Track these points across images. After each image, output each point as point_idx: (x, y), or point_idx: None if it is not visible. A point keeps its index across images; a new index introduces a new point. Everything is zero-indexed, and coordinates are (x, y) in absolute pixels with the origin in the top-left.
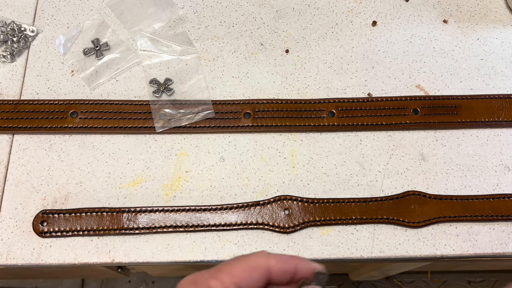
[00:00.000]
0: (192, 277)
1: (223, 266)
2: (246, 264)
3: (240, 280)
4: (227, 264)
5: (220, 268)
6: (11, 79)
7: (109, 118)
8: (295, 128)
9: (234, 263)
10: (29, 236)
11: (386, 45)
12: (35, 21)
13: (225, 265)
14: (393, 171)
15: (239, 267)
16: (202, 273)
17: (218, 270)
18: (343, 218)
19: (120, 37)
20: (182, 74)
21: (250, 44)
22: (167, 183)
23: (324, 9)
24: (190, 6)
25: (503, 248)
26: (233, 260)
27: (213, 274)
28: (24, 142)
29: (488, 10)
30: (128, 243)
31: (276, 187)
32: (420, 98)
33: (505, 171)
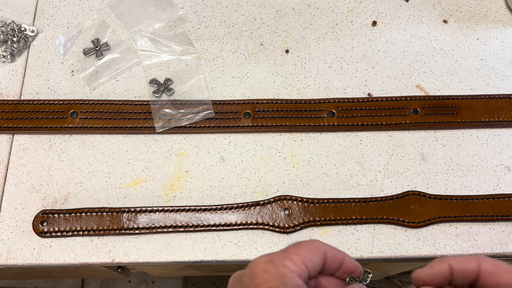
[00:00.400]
0: (268, 257)
1: (290, 249)
2: (309, 247)
3: (308, 260)
4: (292, 247)
5: (289, 250)
6: (11, 79)
7: (109, 118)
8: (295, 128)
9: (299, 245)
10: (29, 236)
11: (386, 45)
12: (35, 21)
13: (291, 247)
14: (393, 171)
15: (305, 249)
16: (277, 254)
17: (287, 252)
18: (343, 218)
19: (120, 37)
20: (182, 74)
21: (250, 44)
22: (167, 183)
23: (324, 9)
24: (190, 6)
25: (503, 248)
26: (295, 244)
27: (285, 255)
28: (24, 142)
29: (488, 10)
30: (128, 243)
31: (276, 187)
32: (420, 98)
33: (505, 171)
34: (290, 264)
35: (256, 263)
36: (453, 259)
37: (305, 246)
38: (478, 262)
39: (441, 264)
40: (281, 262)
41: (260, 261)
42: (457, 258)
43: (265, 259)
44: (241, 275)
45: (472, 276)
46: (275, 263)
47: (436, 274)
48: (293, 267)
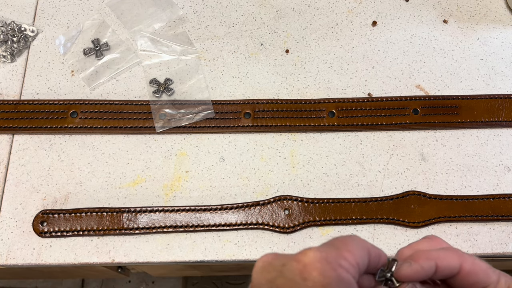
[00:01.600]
0: (322, 253)
1: (340, 244)
2: (358, 244)
3: (359, 259)
4: (341, 243)
5: (340, 247)
6: (11, 79)
7: (109, 118)
8: (295, 128)
9: (348, 242)
10: (29, 236)
11: (386, 45)
12: (35, 21)
13: (340, 243)
14: (393, 171)
15: (356, 247)
16: (330, 251)
17: (339, 248)
18: (343, 218)
19: (120, 37)
20: (182, 74)
21: (250, 44)
22: (167, 183)
23: (324, 9)
24: (190, 6)
25: (503, 248)
26: (342, 240)
27: (339, 254)
28: (24, 142)
29: (488, 10)
30: (128, 243)
31: (276, 187)
32: (420, 98)
33: (505, 171)
34: (346, 265)
35: (309, 259)
36: (438, 257)
37: (355, 243)
38: (460, 260)
39: (429, 262)
40: (337, 262)
41: (315, 258)
42: (440, 255)
43: (320, 257)
44: (282, 266)
45: (453, 273)
46: (332, 264)
47: (425, 272)
48: (349, 267)
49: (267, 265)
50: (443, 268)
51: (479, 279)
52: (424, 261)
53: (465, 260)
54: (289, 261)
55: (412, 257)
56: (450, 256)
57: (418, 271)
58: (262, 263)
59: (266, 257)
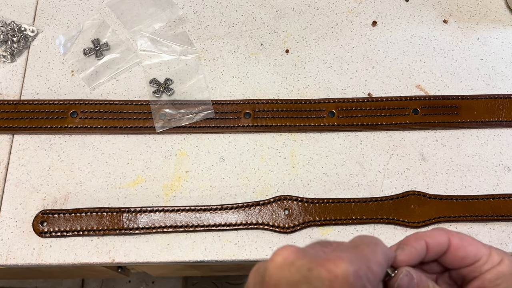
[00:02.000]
0: (354, 268)
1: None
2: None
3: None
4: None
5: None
6: (11, 79)
7: (109, 118)
8: (295, 128)
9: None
10: (29, 236)
11: (386, 45)
12: (35, 21)
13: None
14: (393, 171)
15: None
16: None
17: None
18: (343, 218)
19: (120, 37)
20: (182, 74)
21: (250, 44)
22: (167, 183)
23: (324, 9)
24: (190, 6)
25: (503, 248)
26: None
27: (370, 268)
28: (24, 142)
29: (488, 10)
30: (128, 243)
31: (276, 187)
32: (420, 98)
33: (505, 171)
34: (373, 279)
35: (341, 272)
36: (426, 236)
37: (381, 252)
38: (448, 236)
39: (419, 242)
40: (367, 277)
41: (348, 272)
42: (427, 234)
43: (353, 271)
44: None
45: (443, 250)
46: (362, 279)
47: (418, 252)
48: (374, 281)
49: (289, 264)
50: (433, 245)
51: (469, 252)
52: (414, 242)
53: (452, 236)
54: (317, 266)
55: (402, 242)
56: (437, 233)
57: (411, 253)
58: (283, 259)
59: (288, 253)
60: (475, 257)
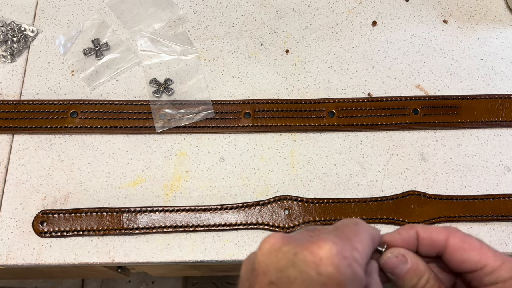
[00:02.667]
0: (338, 248)
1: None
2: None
3: (367, 250)
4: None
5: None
6: (11, 79)
7: (109, 118)
8: (295, 128)
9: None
10: (29, 236)
11: (386, 45)
12: (35, 21)
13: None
14: (393, 171)
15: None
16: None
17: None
18: (343, 218)
19: (120, 37)
20: (182, 74)
21: (250, 44)
22: (167, 183)
23: (324, 9)
24: (190, 6)
25: (503, 248)
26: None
27: (353, 247)
28: (24, 142)
29: (488, 10)
30: (128, 243)
31: (276, 187)
32: (420, 98)
33: (505, 171)
34: (359, 258)
35: (325, 253)
36: (422, 227)
37: (364, 232)
38: (447, 235)
39: (408, 230)
40: (352, 257)
41: (331, 253)
42: (426, 227)
43: (336, 251)
44: (294, 256)
45: (438, 248)
46: (347, 259)
47: (402, 240)
48: (360, 260)
49: (276, 250)
50: (425, 239)
51: (469, 257)
52: (405, 229)
53: (454, 236)
54: (302, 250)
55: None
56: (435, 229)
57: (394, 236)
58: (269, 246)
59: (274, 240)
60: (476, 264)
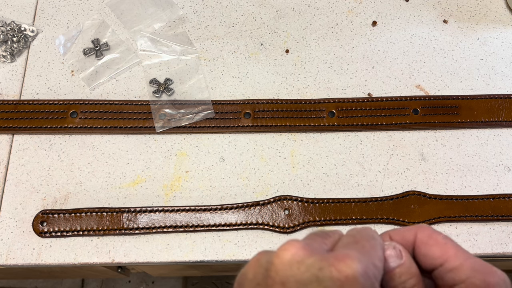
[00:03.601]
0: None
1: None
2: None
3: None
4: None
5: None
6: (11, 79)
7: (109, 118)
8: (295, 128)
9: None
10: (29, 236)
11: (386, 45)
12: (35, 21)
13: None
14: (393, 171)
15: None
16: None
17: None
18: (343, 218)
19: (120, 37)
20: (182, 74)
21: (250, 44)
22: (167, 183)
23: (324, 9)
24: (190, 6)
25: (503, 248)
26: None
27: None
28: (24, 142)
29: (488, 10)
30: (128, 243)
31: (276, 187)
32: (420, 98)
33: (505, 171)
34: (378, 276)
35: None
36: (393, 231)
37: (379, 246)
38: (415, 232)
39: (383, 236)
40: (374, 276)
41: (358, 272)
42: (397, 230)
43: (363, 270)
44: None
45: (411, 246)
46: (371, 279)
47: None
48: (379, 277)
49: (298, 262)
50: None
51: (431, 252)
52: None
53: (421, 230)
54: (328, 266)
55: None
56: (405, 229)
57: None
58: (291, 256)
59: (295, 250)
60: (437, 260)
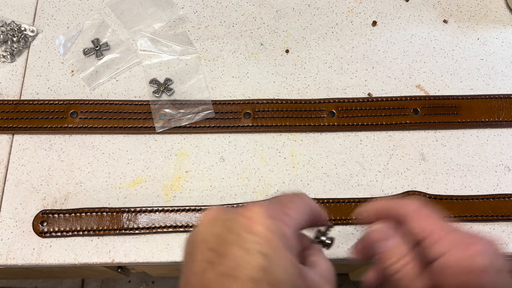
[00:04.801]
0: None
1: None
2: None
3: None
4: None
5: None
6: (11, 79)
7: (109, 118)
8: (295, 128)
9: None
10: (29, 236)
11: (386, 45)
12: (35, 21)
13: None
14: (393, 171)
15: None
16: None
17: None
18: (343, 218)
19: (120, 37)
20: (182, 74)
21: (250, 44)
22: (167, 183)
23: (324, 9)
24: (190, 6)
25: (503, 248)
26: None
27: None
28: (24, 142)
29: (488, 10)
30: (128, 243)
31: (276, 187)
32: (420, 98)
33: (505, 171)
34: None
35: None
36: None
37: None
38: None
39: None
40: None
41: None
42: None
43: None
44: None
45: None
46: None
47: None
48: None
49: (213, 219)
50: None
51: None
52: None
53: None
54: (235, 215)
55: None
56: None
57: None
58: (208, 217)
59: (211, 211)
60: (422, 231)
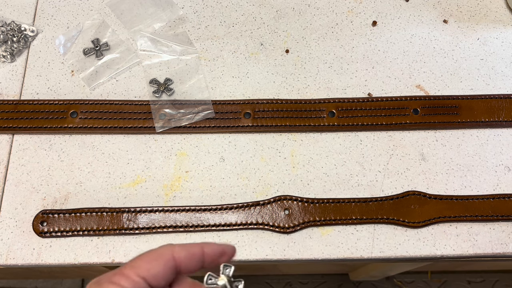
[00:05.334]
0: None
1: (128, 262)
2: (148, 256)
3: (145, 272)
4: (131, 260)
5: (125, 265)
6: (11, 79)
7: (109, 118)
8: (295, 128)
9: (138, 257)
10: (29, 236)
11: (386, 45)
12: (35, 21)
13: (130, 261)
14: (393, 171)
15: (142, 259)
16: (107, 273)
17: (122, 267)
18: (343, 218)
19: (120, 37)
20: (182, 74)
21: (250, 44)
22: (167, 183)
23: (324, 9)
24: (190, 6)
25: (503, 248)
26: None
27: (116, 271)
28: (24, 142)
29: (488, 10)
30: (128, 243)
31: (276, 187)
32: (420, 98)
33: (505, 171)
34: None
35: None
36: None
37: (145, 256)
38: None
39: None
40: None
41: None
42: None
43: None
44: None
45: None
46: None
47: None
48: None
49: None
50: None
51: None
52: None
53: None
54: None
55: None
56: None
57: None
58: None
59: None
60: None
